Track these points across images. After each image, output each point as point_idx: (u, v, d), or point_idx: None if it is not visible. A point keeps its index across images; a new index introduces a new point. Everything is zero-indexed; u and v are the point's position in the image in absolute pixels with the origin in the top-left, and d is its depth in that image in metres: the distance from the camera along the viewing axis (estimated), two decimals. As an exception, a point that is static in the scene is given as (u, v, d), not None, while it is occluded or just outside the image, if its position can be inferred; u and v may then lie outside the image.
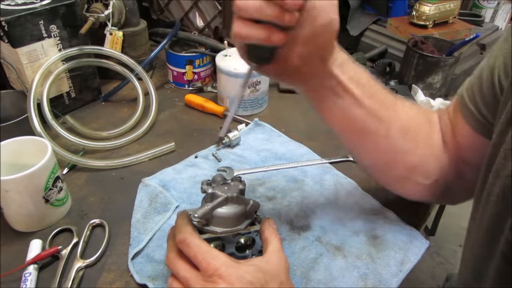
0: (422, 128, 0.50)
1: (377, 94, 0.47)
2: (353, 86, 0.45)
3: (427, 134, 0.50)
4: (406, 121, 0.49)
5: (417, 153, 0.49)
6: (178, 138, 0.75)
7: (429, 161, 0.50)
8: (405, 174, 0.51)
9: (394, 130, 0.48)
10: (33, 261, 0.50)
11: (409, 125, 0.49)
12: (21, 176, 0.50)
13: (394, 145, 0.48)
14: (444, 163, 0.50)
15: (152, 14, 1.12)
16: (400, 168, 0.50)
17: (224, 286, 0.38)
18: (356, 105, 0.46)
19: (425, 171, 0.50)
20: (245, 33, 0.36)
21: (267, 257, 0.43)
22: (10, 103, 0.72)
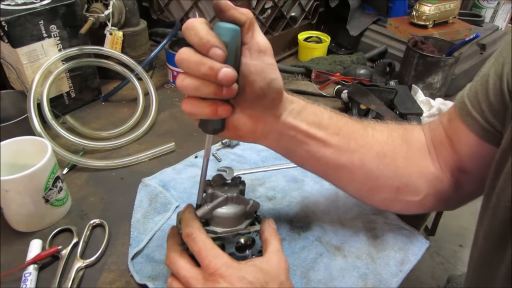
0: (399, 150, 0.49)
1: (343, 129, 0.47)
2: (315, 131, 0.45)
3: (406, 154, 0.49)
4: (380, 147, 0.48)
5: (399, 175, 0.48)
6: (178, 138, 0.75)
7: (415, 179, 0.49)
8: (391, 196, 0.50)
9: (369, 159, 0.47)
10: (33, 261, 0.50)
11: (384, 150, 0.48)
12: (21, 176, 0.50)
13: (372, 173, 0.48)
14: (435, 176, 0.49)
15: (152, 14, 1.12)
16: (384, 192, 0.50)
17: (225, 285, 0.38)
18: (324, 147, 0.45)
19: (412, 189, 0.49)
20: (193, 111, 0.38)
21: (267, 257, 0.43)
22: (10, 103, 0.72)
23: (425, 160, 0.49)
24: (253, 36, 0.38)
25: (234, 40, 0.36)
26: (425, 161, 0.49)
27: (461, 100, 0.46)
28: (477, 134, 0.44)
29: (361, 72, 0.96)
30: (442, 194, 0.50)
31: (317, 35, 1.12)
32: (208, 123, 0.40)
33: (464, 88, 0.47)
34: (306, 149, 0.46)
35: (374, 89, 0.78)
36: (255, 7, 0.95)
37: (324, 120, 0.46)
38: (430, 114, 0.84)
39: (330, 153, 0.46)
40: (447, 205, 0.52)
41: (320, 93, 0.94)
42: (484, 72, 0.44)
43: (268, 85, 0.39)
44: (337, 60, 1.02)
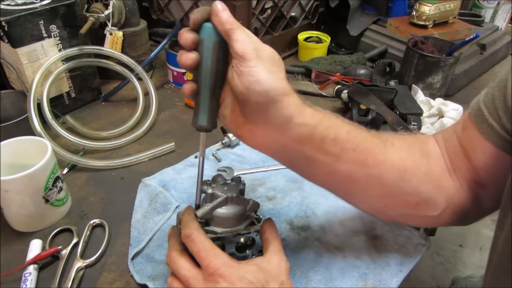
0: (420, 164, 0.46)
1: (361, 145, 0.43)
2: (329, 146, 0.41)
3: (426, 169, 0.46)
4: (400, 162, 0.45)
5: (419, 191, 0.45)
6: (178, 138, 0.75)
7: (433, 195, 0.46)
8: (407, 212, 0.47)
9: (388, 175, 0.44)
10: (33, 261, 0.50)
11: (405, 166, 0.45)
12: (21, 176, 0.50)
13: (390, 190, 0.45)
14: (455, 190, 0.46)
15: (152, 14, 1.12)
16: (401, 209, 0.47)
17: (225, 285, 0.38)
18: (336, 162, 0.42)
19: (430, 205, 0.46)
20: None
21: (267, 257, 0.43)
22: (10, 103, 0.72)
23: (444, 173, 0.46)
24: (231, 44, 0.38)
25: (209, 37, 0.39)
26: (444, 174, 0.46)
27: (476, 107, 0.43)
28: (493, 142, 0.41)
29: (361, 72, 0.96)
30: (461, 209, 0.47)
31: (317, 35, 1.12)
32: (196, 118, 0.42)
33: (479, 94, 0.45)
34: (315, 165, 0.43)
35: (374, 89, 0.78)
36: (255, 7, 0.95)
37: (341, 135, 0.42)
38: (430, 114, 0.84)
39: (344, 170, 0.43)
40: (465, 220, 0.49)
41: (320, 93, 0.94)
42: (501, 77, 0.41)
43: (247, 89, 0.37)
44: (337, 60, 1.02)
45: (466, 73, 0.98)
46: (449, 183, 0.46)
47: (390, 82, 0.89)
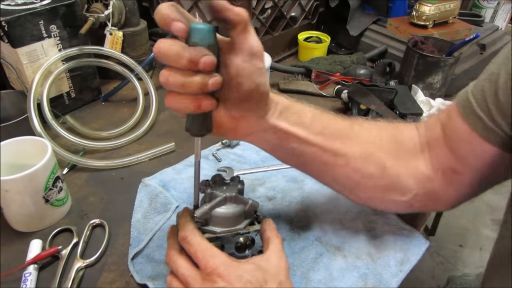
0: (387, 149, 0.48)
1: (326, 129, 0.46)
2: (296, 130, 0.45)
3: (394, 154, 0.48)
4: (366, 146, 0.47)
5: (386, 174, 0.47)
6: (178, 138, 0.75)
7: (403, 179, 0.48)
8: (376, 195, 0.49)
9: (353, 158, 0.47)
10: (33, 261, 0.50)
11: (370, 150, 0.47)
12: (21, 176, 0.50)
13: (356, 173, 0.47)
14: (425, 176, 0.48)
15: (152, 14, 1.12)
16: (368, 191, 0.49)
17: (223, 285, 0.38)
18: (305, 145, 0.46)
19: (399, 189, 0.48)
20: (177, 106, 0.38)
21: (267, 256, 0.43)
22: (10, 103, 0.72)
23: (415, 160, 0.48)
24: (247, 38, 0.38)
25: (202, 41, 0.36)
26: (415, 161, 0.48)
27: (464, 98, 0.44)
28: (479, 133, 0.43)
29: (361, 72, 0.96)
30: (433, 194, 0.48)
31: (317, 35, 1.12)
32: (193, 124, 0.41)
33: (467, 86, 0.46)
34: (288, 147, 0.46)
35: (374, 89, 0.78)
36: (255, 7, 0.95)
37: (306, 120, 0.46)
38: (430, 114, 0.84)
39: (311, 152, 0.46)
40: (438, 205, 0.52)
41: (320, 93, 0.94)
42: (491, 70, 0.42)
43: (255, 89, 0.40)
44: (337, 60, 1.02)
45: (466, 73, 0.98)
46: (421, 169, 0.48)
47: (390, 82, 0.89)
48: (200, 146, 0.43)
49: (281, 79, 0.98)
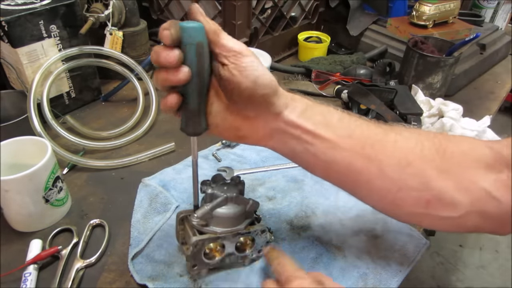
0: (430, 160, 0.42)
1: (356, 132, 0.42)
2: (322, 131, 0.42)
3: (439, 166, 0.42)
4: (404, 154, 0.42)
5: (429, 187, 0.42)
6: (178, 138, 0.75)
7: (451, 194, 0.42)
8: (419, 210, 0.43)
9: (389, 167, 0.42)
10: (33, 261, 0.50)
11: (409, 159, 0.42)
12: (21, 176, 0.50)
13: (394, 184, 0.42)
14: (486, 193, 0.41)
15: (152, 14, 1.12)
16: (410, 206, 0.43)
17: (296, 284, 0.41)
18: (333, 149, 0.42)
19: (447, 204, 0.42)
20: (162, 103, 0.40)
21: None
22: (10, 103, 0.72)
23: (472, 175, 0.42)
24: (222, 42, 0.38)
25: (188, 39, 0.37)
26: (470, 176, 0.42)
27: None
28: None
29: (361, 72, 0.96)
30: (492, 216, 0.42)
31: (317, 35, 1.12)
32: (188, 124, 0.41)
33: None
34: (313, 151, 0.42)
35: (374, 89, 0.78)
36: (255, 7, 0.95)
37: (333, 121, 0.42)
38: (430, 114, 0.84)
39: (341, 158, 0.42)
40: (501, 230, 0.44)
41: (320, 93, 0.94)
42: None
43: (254, 83, 0.39)
44: (337, 60, 1.02)
45: (466, 73, 0.98)
46: (481, 185, 0.41)
47: (390, 82, 0.89)
48: (196, 145, 0.43)
49: (281, 79, 0.98)
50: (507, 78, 1.07)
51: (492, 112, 0.90)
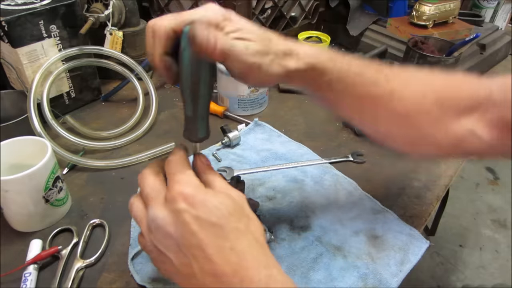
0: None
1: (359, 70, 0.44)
2: (324, 62, 0.42)
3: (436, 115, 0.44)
4: (404, 103, 0.44)
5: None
6: (178, 138, 0.75)
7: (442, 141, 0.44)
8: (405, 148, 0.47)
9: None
10: (33, 261, 0.50)
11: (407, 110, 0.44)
12: (21, 176, 0.50)
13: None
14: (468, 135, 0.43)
15: (152, 14, 1.12)
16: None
17: (183, 206, 0.33)
18: (339, 80, 0.43)
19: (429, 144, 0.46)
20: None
21: (227, 189, 0.37)
22: (10, 103, 0.72)
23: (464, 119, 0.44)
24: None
25: (183, 43, 0.36)
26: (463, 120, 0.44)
27: None
28: None
29: (361, 72, 0.96)
30: (473, 151, 0.45)
31: (317, 35, 1.12)
32: (192, 131, 0.40)
33: None
34: (322, 80, 0.42)
35: (374, 89, 0.78)
36: (255, 7, 0.95)
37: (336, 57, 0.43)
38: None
39: (347, 83, 0.43)
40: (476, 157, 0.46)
41: (320, 93, 0.94)
42: None
43: (261, 80, 0.39)
44: (337, 60, 1.02)
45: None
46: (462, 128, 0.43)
47: (390, 82, 0.89)
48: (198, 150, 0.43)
49: (281, 79, 0.98)
50: (507, 78, 1.07)
51: (492, 112, 0.90)
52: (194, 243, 0.33)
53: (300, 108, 0.89)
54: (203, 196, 0.34)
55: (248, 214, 0.36)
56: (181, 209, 0.33)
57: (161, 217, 0.34)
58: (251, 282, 0.32)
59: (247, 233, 0.34)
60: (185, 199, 0.34)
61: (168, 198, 0.35)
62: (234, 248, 0.33)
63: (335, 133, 0.81)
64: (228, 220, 0.34)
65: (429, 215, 0.63)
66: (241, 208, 0.36)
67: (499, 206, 2.00)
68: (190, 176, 0.36)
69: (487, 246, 1.79)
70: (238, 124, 0.81)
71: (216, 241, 0.33)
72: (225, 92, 0.83)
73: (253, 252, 0.34)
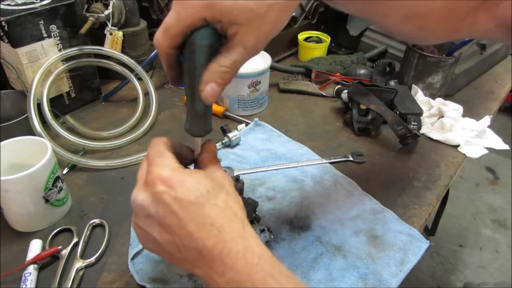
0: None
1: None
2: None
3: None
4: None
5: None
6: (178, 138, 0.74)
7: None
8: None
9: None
10: (33, 261, 0.50)
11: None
12: (21, 176, 0.50)
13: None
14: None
15: (152, 14, 1.12)
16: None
17: (162, 189, 0.35)
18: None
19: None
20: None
21: (212, 169, 0.40)
22: (10, 103, 0.72)
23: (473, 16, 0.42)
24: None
25: (195, 39, 0.36)
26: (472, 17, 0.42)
27: None
28: None
29: (361, 72, 0.96)
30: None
31: (317, 35, 1.12)
32: (193, 125, 0.40)
33: None
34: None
35: (374, 89, 0.78)
36: (255, 7, 0.95)
37: None
38: (430, 114, 0.84)
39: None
40: None
41: (320, 93, 0.94)
42: None
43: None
44: (337, 60, 1.02)
45: (466, 73, 0.98)
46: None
47: (390, 82, 0.89)
48: (200, 145, 0.43)
49: (281, 79, 0.98)
50: (507, 78, 1.07)
51: (492, 112, 0.90)
52: (175, 222, 0.34)
53: (300, 108, 0.89)
54: (180, 177, 0.35)
55: (228, 190, 0.38)
56: (159, 191, 0.35)
57: (140, 199, 0.36)
58: (229, 252, 0.34)
59: (226, 208, 0.36)
60: (163, 181, 0.35)
61: (147, 181, 0.36)
62: (213, 224, 0.34)
63: (335, 133, 0.81)
64: (206, 197, 0.35)
65: (429, 215, 0.63)
66: (220, 186, 0.37)
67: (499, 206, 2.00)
68: (168, 159, 0.37)
69: (487, 246, 1.79)
70: (238, 124, 0.81)
71: (196, 219, 0.34)
72: (225, 92, 0.83)
73: (232, 226, 0.35)
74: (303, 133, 0.80)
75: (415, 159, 0.74)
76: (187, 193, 0.35)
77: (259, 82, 0.81)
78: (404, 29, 0.48)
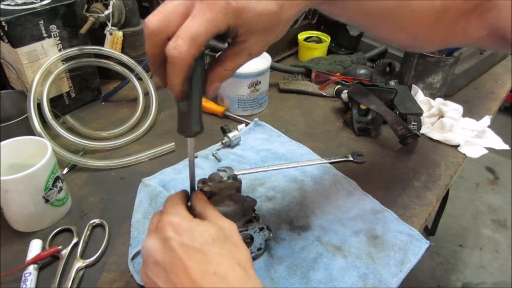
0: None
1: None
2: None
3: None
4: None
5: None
6: (178, 138, 0.75)
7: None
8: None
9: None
10: (33, 261, 0.50)
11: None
12: (21, 176, 0.50)
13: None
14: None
15: (152, 14, 1.12)
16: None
17: (171, 234, 0.36)
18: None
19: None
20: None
21: (216, 217, 0.40)
22: (10, 103, 0.72)
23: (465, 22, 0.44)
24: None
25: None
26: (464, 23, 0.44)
27: None
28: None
29: (361, 72, 0.96)
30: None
31: (317, 35, 1.12)
32: (185, 126, 0.39)
33: None
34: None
35: (374, 89, 0.78)
36: (255, 7, 0.95)
37: None
38: (430, 114, 0.84)
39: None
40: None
41: (320, 93, 0.94)
42: None
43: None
44: (337, 60, 1.02)
45: (466, 73, 0.98)
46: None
47: (390, 82, 0.89)
48: (193, 147, 0.43)
49: (281, 79, 0.98)
50: (507, 78, 1.07)
51: (492, 112, 0.90)
52: (180, 268, 0.35)
53: (300, 108, 0.89)
54: (188, 224, 0.37)
55: (235, 242, 0.39)
56: (168, 237, 0.36)
57: (150, 245, 0.37)
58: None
59: (230, 258, 0.37)
60: (173, 227, 0.37)
61: (158, 227, 0.38)
62: (217, 272, 0.35)
63: (335, 133, 0.81)
64: (211, 246, 0.36)
65: (429, 215, 0.63)
66: (226, 236, 0.38)
67: (499, 206, 2.00)
68: (180, 209, 0.40)
69: (487, 246, 1.79)
70: (238, 124, 0.81)
71: (200, 266, 0.35)
72: (225, 92, 0.83)
73: (235, 275, 0.36)
74: (303, 133, 0.80)
75: (415, 159, 0.74)
76: (192, 239, 0.36)
77: (259, 82, 0.81)
78: (397, 38, 0.49)
